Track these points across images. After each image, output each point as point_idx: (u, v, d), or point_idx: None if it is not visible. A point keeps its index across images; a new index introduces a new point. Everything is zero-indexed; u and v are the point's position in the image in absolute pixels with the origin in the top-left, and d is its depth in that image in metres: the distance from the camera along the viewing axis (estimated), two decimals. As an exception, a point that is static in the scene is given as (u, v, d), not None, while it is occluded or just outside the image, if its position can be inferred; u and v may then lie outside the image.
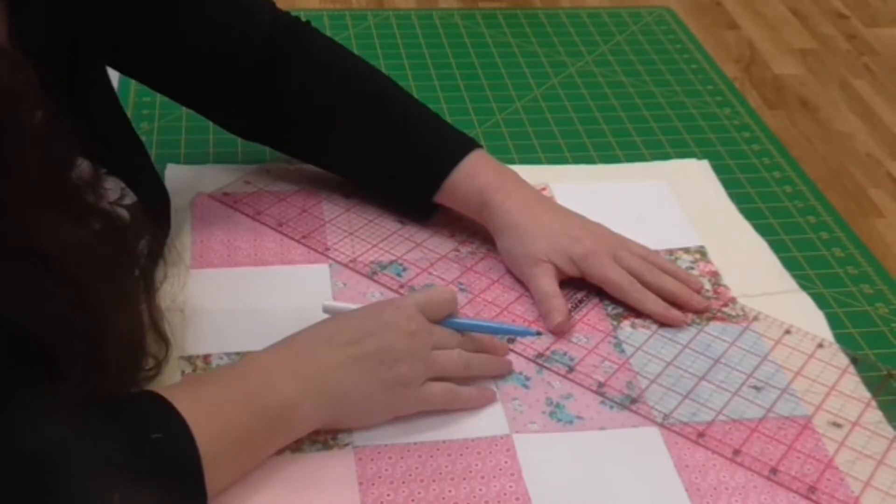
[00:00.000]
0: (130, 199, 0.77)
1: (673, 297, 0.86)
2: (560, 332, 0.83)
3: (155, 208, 0.81)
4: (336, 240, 0.91)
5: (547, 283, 0.84)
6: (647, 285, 0.85)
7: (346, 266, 0.88)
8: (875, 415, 0.78)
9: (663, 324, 0.84)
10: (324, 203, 0.96)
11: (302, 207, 0.95)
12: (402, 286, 0.86)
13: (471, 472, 0.71)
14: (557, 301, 0.83)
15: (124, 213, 0.73)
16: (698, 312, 0.86)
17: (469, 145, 0.91)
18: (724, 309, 0.87)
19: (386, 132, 0.91)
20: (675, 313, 0.85)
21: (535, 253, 0.85)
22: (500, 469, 0.71)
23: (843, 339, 0.85)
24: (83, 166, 0.67)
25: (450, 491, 0.70)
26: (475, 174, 0.89)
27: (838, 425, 0.77)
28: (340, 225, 0.93)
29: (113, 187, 0.75)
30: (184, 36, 0.87)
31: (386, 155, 0.91)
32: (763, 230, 0.98)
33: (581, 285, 0.88)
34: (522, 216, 0.87)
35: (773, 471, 0.73)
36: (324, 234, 0.92)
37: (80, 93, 0.76)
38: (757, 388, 0.79)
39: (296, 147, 0.96)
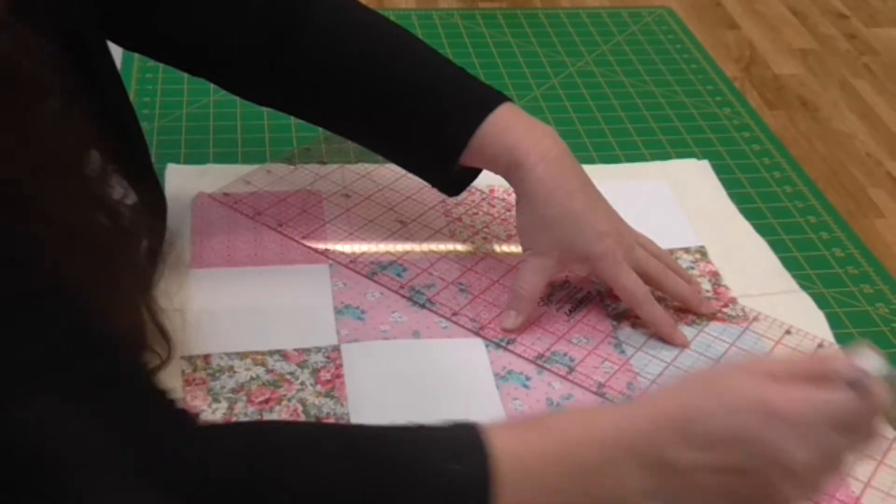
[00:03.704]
0: (132, 199, 0.76)
1: (686, 302, 0.85)
2: (506, 331, 0.83)
3: (153, 209, 0.80)
4: (336, 240, 0.91)
5: (530, 281, 0.82)
6: (663, 289, 0.84)
7: (346, 266, 0.88)
8: (875, 415, 0.78)
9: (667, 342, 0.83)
10: (324, 203, 0.96)
11: (302, 207, 0.95)
12: (402, 286, 0.86)
13: (471, 472, 0.71)
14: (524, 305, 0.82)
15: (127, 213, 0.72)
16: (703, 316, 0.86)
17: (498, 98, 0.83)
18: (725, 310, 0.87)
19: (405, 92, 0.84)
20: (682, 336, 0.83)
21: (545, 242, 0.82)
22: (501, 469, 0.71)
23: (843, 339, 0.85)
24: (94, 159, 0.66)
25: (450, 491, 0.69)
26: (505, 130, 0.81)
27: (838, 425, 0.77)
28: (340, 225, 0.93)
29: (116, 186, 0.75)
30: (189, 13, 0.84)
31: (406, 116, 0.84)
32: (763, 230, 0.97)
33: (582, 285, 0.88)
34: (550, 192, 0.80)
35: (774, 471, 0.73)
36: (324, 234, 0.92)
37: (91, 81, 0.75)
38: (757, 389, 0.79)
39: (318, 117, 0.90)
